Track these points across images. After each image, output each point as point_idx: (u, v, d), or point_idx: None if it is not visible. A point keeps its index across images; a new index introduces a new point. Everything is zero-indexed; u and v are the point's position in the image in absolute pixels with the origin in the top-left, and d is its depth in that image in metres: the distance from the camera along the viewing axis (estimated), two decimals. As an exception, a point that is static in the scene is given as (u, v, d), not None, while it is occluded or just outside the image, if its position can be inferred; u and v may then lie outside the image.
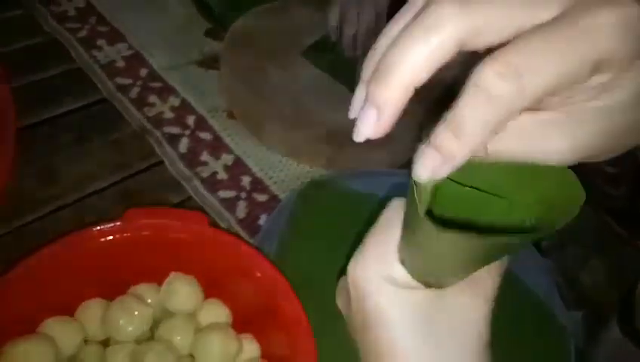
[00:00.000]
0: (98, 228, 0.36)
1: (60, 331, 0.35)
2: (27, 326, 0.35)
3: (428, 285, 0.24)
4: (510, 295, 0.46)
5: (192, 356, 0.38)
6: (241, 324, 0.40)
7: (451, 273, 0.24)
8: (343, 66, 0.60)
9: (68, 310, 0.38)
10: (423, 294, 0.24)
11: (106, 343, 0.38)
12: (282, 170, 0.55)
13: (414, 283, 0.24)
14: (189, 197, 0.51)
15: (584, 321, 0.90)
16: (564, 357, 0.43)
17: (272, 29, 0.63)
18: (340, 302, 0.28)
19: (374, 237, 0.25)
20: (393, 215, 0.25)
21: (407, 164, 0.58)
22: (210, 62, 0.62)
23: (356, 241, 0.26)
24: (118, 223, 0.37)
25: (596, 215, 0.56)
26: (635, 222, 0.51)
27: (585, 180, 0.58)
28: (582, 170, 0.56)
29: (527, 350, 0.43)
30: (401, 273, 0.24)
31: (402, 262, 0.25)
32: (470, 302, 0.24)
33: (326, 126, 0.55)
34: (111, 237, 0.37)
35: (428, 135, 0.18)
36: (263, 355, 0.39)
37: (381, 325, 0.24)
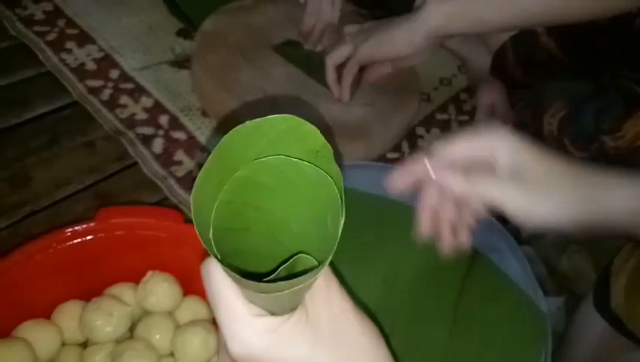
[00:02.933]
0: (71, 229, 0.36)
1: (37, 334, 0.35)
2: (1, 331, 0.35)
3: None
4: (488, 282, 0.47)
5: (172, 355, 0.38)
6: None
7: (282, 309, 0.25)
8: (314, 61, 0.61)
9: (44, 313, 0.37)
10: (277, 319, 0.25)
11: (84, 345, 0.38)
12: (258, 166, 0.55)
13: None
14: (165, 198, 0.51)
15: (565, 307, 0.92)
16: (541, 339, 0.44)
17: (242, 27, 0.63)
18: None
19: (224, 308, 0.25)
20: (222, 278, 0.25)
21: (381, 158, 0.59)
22: (182, 62, 0.62)
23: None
24: (92, 223, 0.37)
25: None
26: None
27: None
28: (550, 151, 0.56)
29: (503, 331, 0.44)
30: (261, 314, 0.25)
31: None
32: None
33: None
34: (85, 238, 0.37)
35: None
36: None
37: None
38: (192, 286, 0.41)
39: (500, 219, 0.53)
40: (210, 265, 0.24)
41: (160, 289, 0.39)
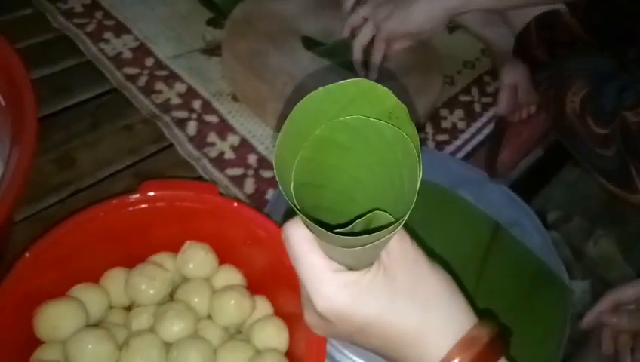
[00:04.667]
0: (116, 200, 0.39)
1: (88, 296, 0.38)
2: (57, 291, 0.38)
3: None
4: (510, 254, 0.49)
5: (210, 317, 0.41)
6: (254, 287, 0.42)
7: (360, 264, 0.27)
8: (339, 50, 0.63)
9: (93, 278, 0.40)
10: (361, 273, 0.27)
11: (128, 309, 0.41)
12: (286, 147, 0.57)
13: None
14: (199, 176, 0.54)
15: (591, 290, 0.92)
16: (562, 308, 0.45)
17: (270, 15, 0.65)
18: (317, 330, 0.30)
19: (306, 266, 0.27)
20: (302, 238, 0.27)
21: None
22: (212, 49, 0.64)
23: None
24: (136, 195, 0.40)
25: (601, 188, 0.57)
26: (624, 180, 0.53)
27: (576, 142, 0.60)
28: (573, 132, 0.58)
29: (525, 299, 0.45)
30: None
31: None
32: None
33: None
34: (130, 209, 0.40)
35: None
36: (276, 313, 0.42)
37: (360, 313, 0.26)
38: (226, 255, 0.43)
39: (523, 196, 0.54)
40: (290, 228, 0.27)
41: (197, 258, 0.41)
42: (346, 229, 0.24)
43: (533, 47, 0.63)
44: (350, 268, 0.27)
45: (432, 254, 0.40)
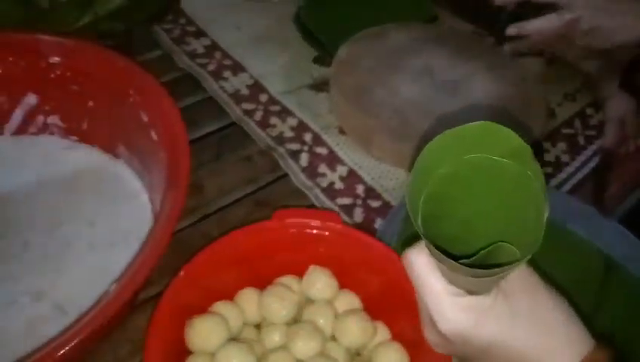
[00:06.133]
0: (255, 225, 0.43)
1: (228, 312, 0.42)
2: (202, 308, 0.42)
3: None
4: (628, 293, 0.48)
5: (333, 338, 0.43)
6: (372, 312, 0.45)
7: (481, 290, 0.28)
8: None
9: (229, 296, 0.45)
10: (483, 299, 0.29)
11: (258, 326, 0.45)
12: (392, 178, 0.60)
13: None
14: (312, 205, 0.57)
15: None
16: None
17: (373, 52, 0.69)
18: (439, 349, 0.33)
19: (429, 289, 0.30)
20: (423, 264, 0.30)
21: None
22: (320, 86, 0.69)
23: None
24: (271, 222, 0.44)
25: None
26: None
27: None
28: None
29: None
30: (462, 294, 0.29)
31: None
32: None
33: (428, 137, 0.60)
34: (263, 234, 0.44)
35: None
36: (394, 338, 0.44)
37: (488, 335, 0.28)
38: (346, 281, 0.46)
39: (633, 231, 0.53)
40: (413, 254, 0.30)
41: (321, 281, 0.45)
42: (471, 260, 0.26)
43: (642, 80, 0.62)
44: (471, 293, 0.29)
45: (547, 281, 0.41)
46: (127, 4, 0.59)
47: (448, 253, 0.26)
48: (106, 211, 0.53)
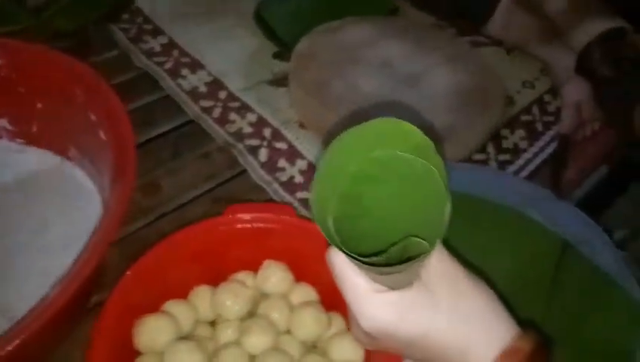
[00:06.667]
0: (206, 222, 0.43)
1: (179, 311, 0.42)
2: (152, 307, 0.42)
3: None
4: (581, 274, 0.48)
5: (288, 332, 0.43)
6: (328, 304, 0.45)
7: (400, 285, 0.28)
8: None
9: (182, 294, 0.44)
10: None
11: (211, 324, 0.44)
12: (352, 170, 0.60)
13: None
14: (271, 199, 0.57)
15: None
16: (634, 326, 0.44)
17: (333, 46, 0.69)
18: (366, 346, 0.32)
19: (350, 288, 0.29)
20: (343, 262, 0.29)
21: (467, 160, 0.62)
22: (280, 81, 0.69)
23: None
24: (222, 218, 0.43)
25: None
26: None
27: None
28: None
29: (599, 322, 0.45)
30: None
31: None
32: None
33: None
34: (216, 230, 0.43)
35: None
36: (349, 329, 0.44)
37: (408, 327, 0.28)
38: (302, 273, 0.46)
39: (589, 215, 0.54)
40: (332, 253, 0.29)
41: (276, 276, 0.44)
42: (381, 258, 0.26)
43: (597, 64, 0.63)
44: (392, 288, 0.29)
45: (498, 275, 0.41)
46: (74, 2, 0.58)
47: (363, 253, 0.26)
48: (58, 214, 0.52)
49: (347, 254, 0.26)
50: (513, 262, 0.48)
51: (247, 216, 0.44)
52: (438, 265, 0.29)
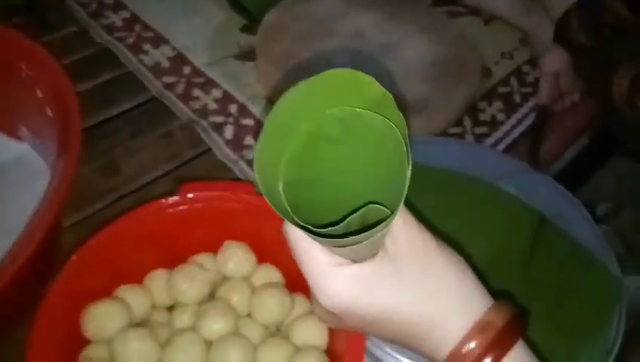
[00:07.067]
0: (156, 202, 0.40)
1: (132, 297, 0.39)
2: (104, 293, 0.39)
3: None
4: (557, 247, 0.47)
5: (250, 316, 0.41)
6: (293, 285, 0.42)
7: (362, 257, 0.26)
8: None
9: (137, 279, 0.42)
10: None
11: (171, 309, 0.42)
12: (322, 147, 0.57)
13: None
14: (237, 178, 0.54)
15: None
16: (614, 301, 0.43)
17: (302, 17, 0.66)
18: (329, 324, 0.30)
19: (308, 263, 0.27)
20: (300, 236, 0.26)
21: (443, 134, 0.60)
22: (247, 55, 0.66)
23: None
24: (175, 197, 0.41)
25: None
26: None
27: (624, 128, 0.58)
28: (620, 117, 0.56)
29: (574, 294, 0.43)
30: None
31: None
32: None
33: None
34: (169, 211, 0.41)
35: None
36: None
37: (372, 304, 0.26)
38: (265, 254, 0.43)
39: (569, 187, 0.52)
40: (289, 225, 0.26)
41: (236, 257, 0.42)
42: (338, 228, 0.23)
43: (575, 31, 0.60)
44: (353, 261, 0.26)
45: (474, 249, 0.39)
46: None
47: (318, 223, 0.24)
48: (11, 197, 0.49)
49: (299, 226, 0.23)
50: (489, 235, 0.46)
51: (203, 195, 0.41)
52: (406, 237, 0.26)
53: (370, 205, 0.24)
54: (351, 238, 0.23)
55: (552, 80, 0.61)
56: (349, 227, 0.24)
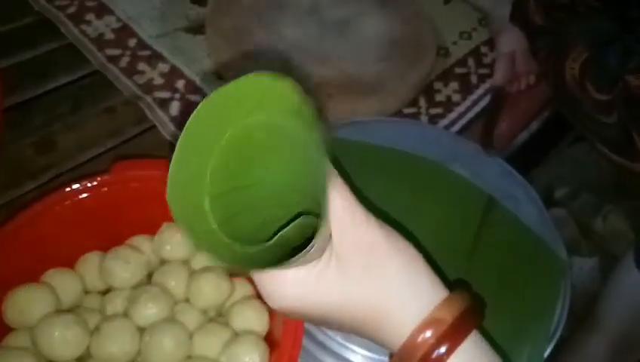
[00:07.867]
0: (86, 180, 0.38)
1: (60, 281, 0.37)
2: (29, 277, 0.37)
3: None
4: (504, 228, 0.47)
5: (188, 300, 0.39)
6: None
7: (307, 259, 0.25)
8: None
9: (69, 263, 0.39)
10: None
11: (105, 293, 0.40)
12: (273, 125, 0.55)
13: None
14: (183, 158, 0.52)
15: (599, 267, 0.89)
16: (559, 282, 0.43)
17: (256, -10, 0.63)
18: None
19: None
20: None
21: (397, 114, 0.59)
22: (197, 28, 0.63)
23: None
24: (106, 176, 0.38)
25: (605, 159, 0.54)
26: (627, 148, 0.50)
27: (577, 111, 0.58)
28: (573, 101, 0.55)
29: (520, 274, 0.43)
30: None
31: None
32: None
33: (313, 80, 0.56)
34: (103, 190, 0.38)
35: None
36: (258, 296, 0.40)
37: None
38: (206, 236, 0.42)
39: (522, 170, 0.52)
40: None
41: (174, 239, 0.40)
42: (268, 245, 0.22)
43: (531, 12, 0.60)
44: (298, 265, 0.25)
45: (421, 231, 0.39)
46: None
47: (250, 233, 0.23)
48: None
49: (216, 259, 0.23)
50: (437, 217, 0.45)
51: (138, 174, 0.39)
52: (351, 231, 0.25)
53: (303, 216, 0.23)
54: (278, 265, 0.22)
55: (508, 60, 0.61)
56: (286, 239, 0.23)
